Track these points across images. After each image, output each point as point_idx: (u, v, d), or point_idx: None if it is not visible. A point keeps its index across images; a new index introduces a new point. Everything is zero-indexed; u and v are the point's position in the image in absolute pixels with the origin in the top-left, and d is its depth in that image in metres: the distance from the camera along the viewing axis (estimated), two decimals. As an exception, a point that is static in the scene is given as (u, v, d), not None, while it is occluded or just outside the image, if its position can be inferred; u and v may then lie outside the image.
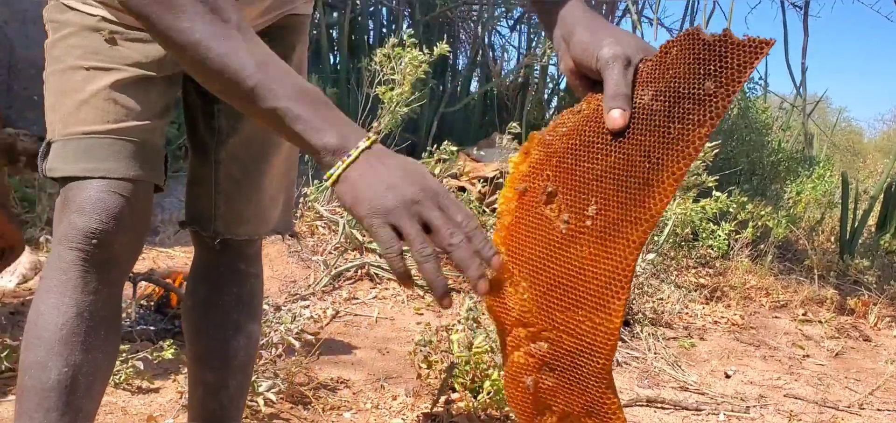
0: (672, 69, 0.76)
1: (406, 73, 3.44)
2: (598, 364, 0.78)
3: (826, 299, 3.71)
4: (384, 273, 3.11)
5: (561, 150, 0.82)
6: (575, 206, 0.79)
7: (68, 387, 1.03)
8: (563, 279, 0.79)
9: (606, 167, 0.77)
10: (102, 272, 1.04)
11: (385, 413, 2.05)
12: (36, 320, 1.04)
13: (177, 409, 1.89)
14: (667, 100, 0.75)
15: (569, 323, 0.79)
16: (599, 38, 0.81)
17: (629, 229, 0.75)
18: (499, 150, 3.94)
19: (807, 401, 2.54)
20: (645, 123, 0.76)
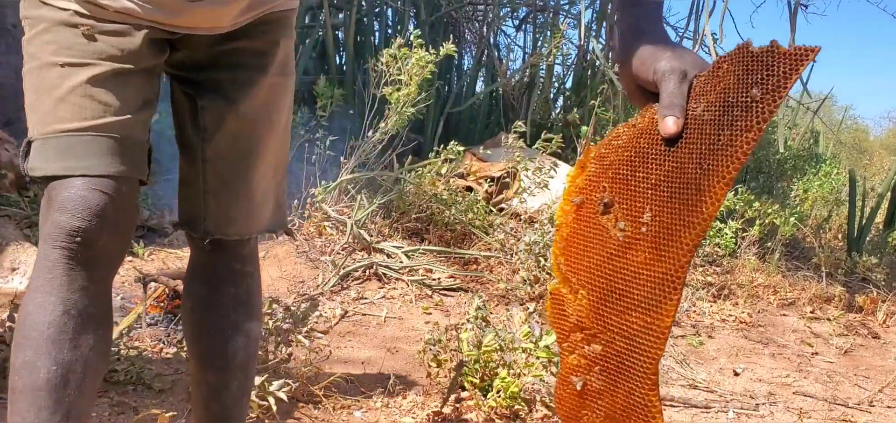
0: (723, 81, 0.80)
1: (412, 73, 3.45)
2: (645, 364, 0.81)
3: (834, 296, 3.70)
4: (392, 273, 3.12)
5: (616, 162, 0.86)
6: (631, 214, 0.83)
7: (58, 385, 1.02)
8: (619, 284, 0.83)
9: (661, 176, 0.81)
10: (88, 270, 1.03)
11: (395, 412, 2.06)
12: (24, 320, 1.04)
13: (188, 409, 1.90)
14: (717, 109, 0.79)
15: (622, 325, 0.83)
16: (659, 53, 0.84)
17: (683, 233, 0.78)
18: (505, 149, 3.94)
19: (816, 399, 2.54)
20: (697, 133, 0.79)
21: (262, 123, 1.21)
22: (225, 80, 1.17)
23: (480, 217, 3.57)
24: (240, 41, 1.16)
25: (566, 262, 0.89)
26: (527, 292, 2.98)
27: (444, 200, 3.53)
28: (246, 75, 1.17)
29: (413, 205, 3.55)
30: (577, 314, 0.87)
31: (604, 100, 4.63)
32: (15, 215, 3.27)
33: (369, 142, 3.60)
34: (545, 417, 2.06)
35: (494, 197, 3.90)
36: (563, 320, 0.89)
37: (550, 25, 5.43)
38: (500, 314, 2.70)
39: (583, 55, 5.39)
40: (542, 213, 3.48)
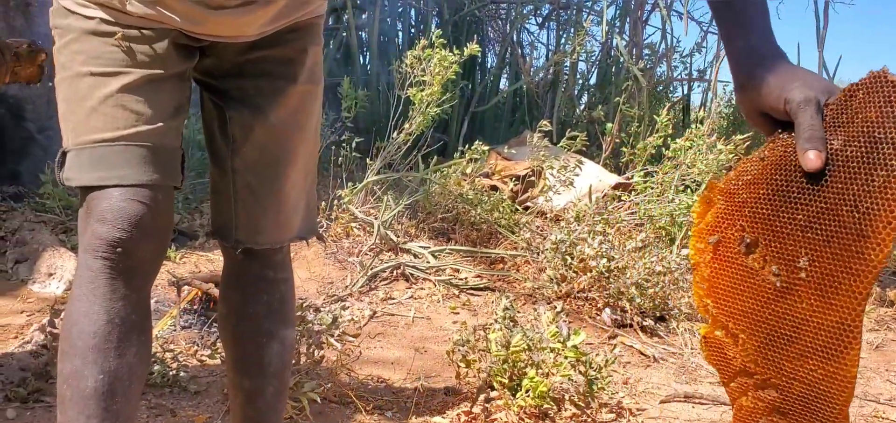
0: (861, 113, 0.76)
1: (435, 73, 3.47)
2: (834, 410, 0.78)
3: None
4: (419, 273, 3.15)
5: (751, 199, 0.82)
6: (783, 257, 0.79)
7: (106, 393, 1.05)
8: (786, 330, 0.80)
9: (810, 217, 0.77)
10: (129, 278, 1.05)
11: (425, 412, 2.09)
12: (69, 330, 1.06)
13: (223, 411, 1.94)
14: (862, 145, 0.75)
15: (798, 371, 0.80)
16: (787, 79, 0.81)
17: (851, 281, 0.75)
18: (530, 148, 3.95)
19: (846, 395, 2.52)
20: (843, 171, 0.75)
21: (291, 132, 1.22)
22: (252, 89, 1.18)
23: (506, 216, 3.59)
24: (267, 50, 1.16)
25: (715, 304, 0.85)
26: (554, 291, 2.99)
27: (470, 199, 3.55)
28: (274, 84, 1.18)
29: (439, 205, 3.58)
30: (741, 359, 0.84)
31: (628, 96, 4.63)
32: (50, 220, 3.35)
33: (394, 143, 3.64)
34: (574, 416, 2.07)
35: (520, 196, 3.91)
36: (727, 364, 0.86)
37: (574, 22, 5.42)
38: (528, 313, 2.71)
39: (606, 52, 5.38)
40: (568, 211, 3.49)
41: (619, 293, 2.90)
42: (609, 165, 4.37)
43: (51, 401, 1.92)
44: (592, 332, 2.78)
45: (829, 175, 0.76)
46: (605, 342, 2.71)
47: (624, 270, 2.90)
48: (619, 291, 2.90)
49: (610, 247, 2.95)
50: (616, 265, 2.91)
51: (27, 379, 1.98)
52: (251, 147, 1.20)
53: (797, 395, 0.80)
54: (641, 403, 2.29)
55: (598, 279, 2.94)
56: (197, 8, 1.05)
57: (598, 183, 3.86)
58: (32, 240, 3.06)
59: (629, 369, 2.54)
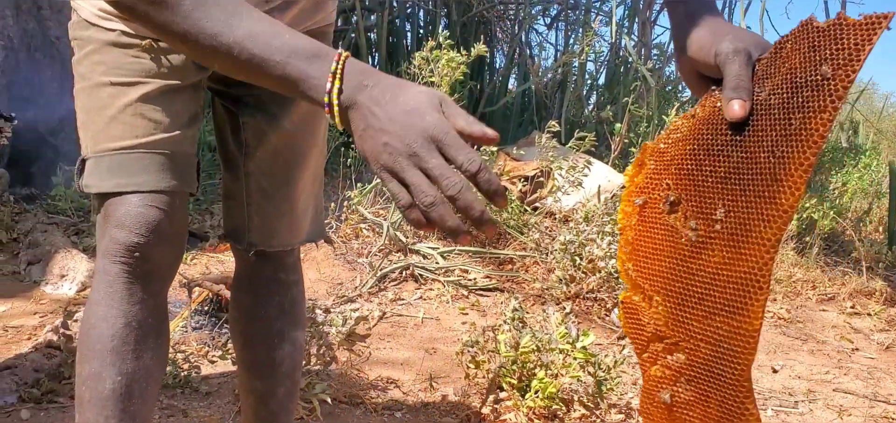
0: (788, 62, 0.74)
1: (444, 74, 3.48)
2: (736, 371, 0.76)
3: (875, 291, 3.65)
4: (429, 274, 3.15)
5: (678, 156, 0.80)
6: (701, 211, 0.77)
7: (123, 395, 1.07)
8: (697, 287, 0.78)
9: (730, 167, 0.76)
10: (146, 283, 1.07)
11: (434, 413, 2.10)
12: (88, 333, 1.08)
13: (234, 411, 1.96)
14: (784, 92, 0.73)
15: (706, 331, 0.78)
16: (718, 35, 0.80)
17: (762, 228, 0.73)
18: (538, 148, 3.95)
19: (857, 396, 2.52)
20: (765, 119, 0.74)
21: (303, 137, 1.24)
22: (266, 96, 1.19)
23: (515, 217, 3.59)
24: None
25: (635, 267, 0.83)
26: (563, 292, 3.00)
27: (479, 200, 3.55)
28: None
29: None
30: (654, 323, 0.82)
31: (637, 96, 4.62)
32: (63, 222, 3.37)
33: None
34: (583, 417, 2.08)
35: (528, 196, 3.91)
36: (640, 330, 0.84)
37: (582, 23, 5.42)
38: (537, 314, 2.72)
39: (615, 52, 5.37)
40: (577, 211, 3.49)
41: (628, 294, 2.90)
42: (618, 165, 4.36)
43: (64, 402, 1.94)
44: (602, 333, 2.78)
45: (753, 125, 0.75)
46: (614, 343, 2.72)
47: (633, 270, 2.90)
48: (628, 291, 2.90)
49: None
50: (625, 266, 2.91)
51: (40, 380, 2.00)
52: (264, 152, 1.22)
53: (703, 358, 0.78)
54: (651, 404, 2.30)
55: (608, 280, 2.94)
56: None
57: (607, 183, 3.85)
58: (45, 242, 3.09)
59: (638, 369, 2.53)
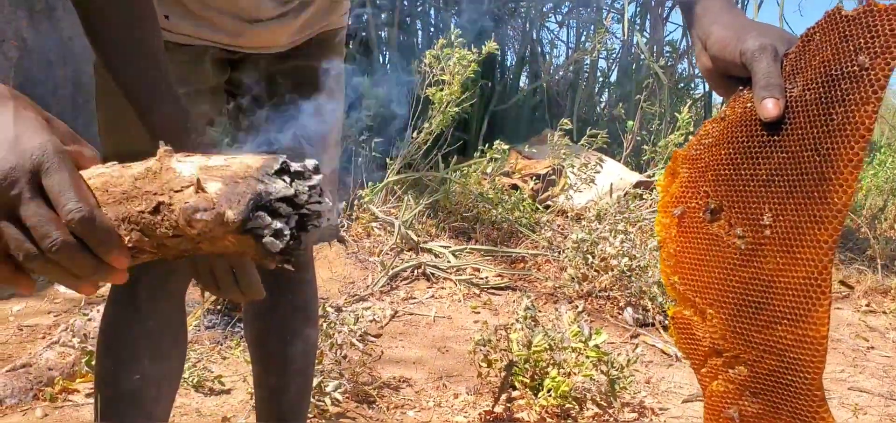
0: (818, 55, 0.71)
1: (455, 72, 3.47)
2: (807, 380, 0.73)
3: (890, 288, 3.62)
4: (440, 273, 3.15)
5: (714, 162, 0.77)
6: (747, 217, 0.74)
7: (140, 395, 1.08)
8: (753, 297, 0.74)
9: (772, 169, 0.72)
10: (164, 284, 1.08)
11: (447, 412, 2.09)
12: (107, 333, 1.09)
13: (248, 410, 1.96)
14: (820, 86, 0.70)
15: (768, 341, 0.74)
16: (742, 32, 0.77)
17: (816, 230, 0.69)
18: (550, 146, 3.94)
19: (872, 394, 2.50)
20: (802, 116, 0.71)
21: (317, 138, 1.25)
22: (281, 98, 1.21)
23: (527, 215, 3.59)
24: (296, 60, 1.21)
25: (682, 280, 0.80)
26: (575, 290, 2.99)
27: (491, 198, 3.56)
28: (302, 93, 1.21)
29: (459, 204, 3.58)
30: (710, 337, 0.79)
31: (649, 94, 4.60)
32: (76, 222, 3.39)
33: (414, 142, 3.64)
34: (596, 415, 2.07)
35: (540, 194, 3.90)
36: (696, 345, 0.80)
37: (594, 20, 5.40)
38: (549, 313, 2.71)
39: (627, 49, 5.35)
40: (589, 209, 3.48)
41: (640, 292, 2.89)
42: (630, 163, 4.35)
43: (78, 400, 1.95)
44: (614, 331, 2.77)
45: (790, 123, 0.72)
46: (626, 342, 2.71)
47: (646, 268, 2.89)
48: (640, 290, 2.89)
49: (631, 246, 2.94)
50: (638, 264, 2.90)
51: (55, 379, 2.01)
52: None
53: (768, 369, 0.75)
54: (664, 402, 2.28)
55: (620, 278, 2.93)
56: (235, 22, 1.10)
57: (619, 181, 3.84)
58: (59, 241, 3.10)
59: (651, 368, 2.52)
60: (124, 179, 0.59)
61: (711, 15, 0.81)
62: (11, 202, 0.55)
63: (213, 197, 0.55)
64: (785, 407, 0.75)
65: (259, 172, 0.55)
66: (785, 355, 0.73)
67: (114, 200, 0.59)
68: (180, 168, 0.58)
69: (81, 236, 0.56)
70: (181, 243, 0.59)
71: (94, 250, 0.57)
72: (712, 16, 0.81)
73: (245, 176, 0.56)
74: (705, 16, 0.82)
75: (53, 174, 0.56)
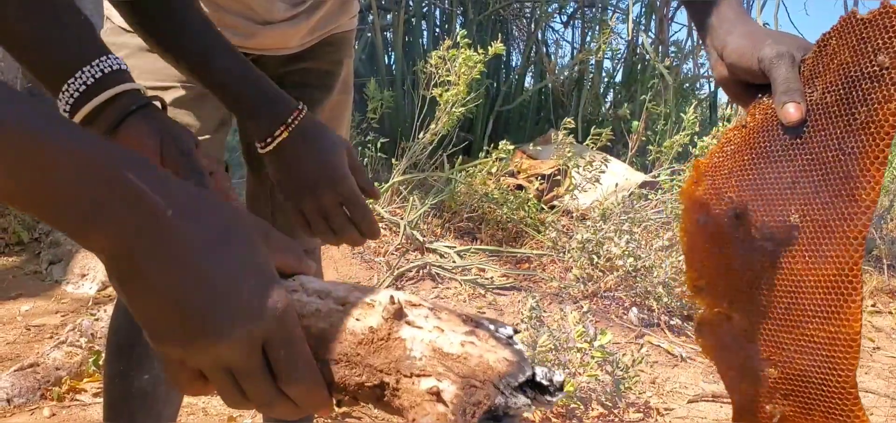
0: (836, 58, 0.73)
1: (461, 73, 3.48)
2: (840, 378, 0.72)
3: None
4: (445, 273, 3.16)
5: (736, 168, 0.78)
6: (773, 220, 0.75)
7: (150, 394, 1.09)
8: (782, 298, 0.75)
9: (796, 172, 0.74)
10: None
11: (452, 411, 2.10)
12: (116, 332, 1.10)
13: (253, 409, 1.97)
14: (840, 88, 0.72)
15: (799, 341, 0.74)
16: (758, 40, 0.78)
17: (844, 227, 0.70)
18: (555, 146, 3.94)
19: (878, 395, 2.49)
20: (824, 119, 0.73)
21: None
22: None
23: (532, 215, 3.59)
24: (306, 62, 1.22)
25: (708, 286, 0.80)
26: (580, 291, 2.99)
27: (496, 199, 3.56)
28: (312, 95, 1.23)
29: (464, 204, 3.59)
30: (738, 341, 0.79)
31: (654, 94, 4.60)
32: (83, 222, 3.41)
33: (420, 143, 3.65)
34: (601, 415, 2.07)
35: (545, 194, 3.91)
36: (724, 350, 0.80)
37: (599, 20, 5.40)
38: (554, 313, 2.71)
39: (632, 49, 5.35)
40: (594, 209, 3.48)
41: (646, 292, 2.89)
42: (635, 163, 4.35)
43: (86, 400, 1.96)
44: (619, 331, 2.77)
45: (811, 126, 0.73)
46: (632, 342, 2.71)
47: (651, 269, 2.89)
48: (646, 290, 2.89)
49: (637, 246, 2.94)
50: (643, 264, 2.90)
51: (62, 378, 2.02)
52: None
53: (800, 370, 0.75)
54: (669, 402, 2.29)
55: (625, 278, 2.93)
56: (247, 23, 1.11)
57: (624, 181, 3.84)
58: (66, 241, 3.12)
59: (656, 368, 2.53)
60: (344, 337, 0.52)
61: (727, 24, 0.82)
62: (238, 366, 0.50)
63: (450, 415, 0.48)
64: (818, 408, 0.75)
65: (502, 380, 0.48)
66: (816, 354, 0.73)
67: (330, 359, 0.52)
68: (411, 344, 0.51)
69: (297, 403, 0.53)
70: (388, 410, 0.52)
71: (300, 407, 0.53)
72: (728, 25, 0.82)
73: (484, 380, 0.49)
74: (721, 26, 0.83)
75: (284, 348, 0.51)
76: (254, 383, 0.51)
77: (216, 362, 0.50)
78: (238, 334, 0.49)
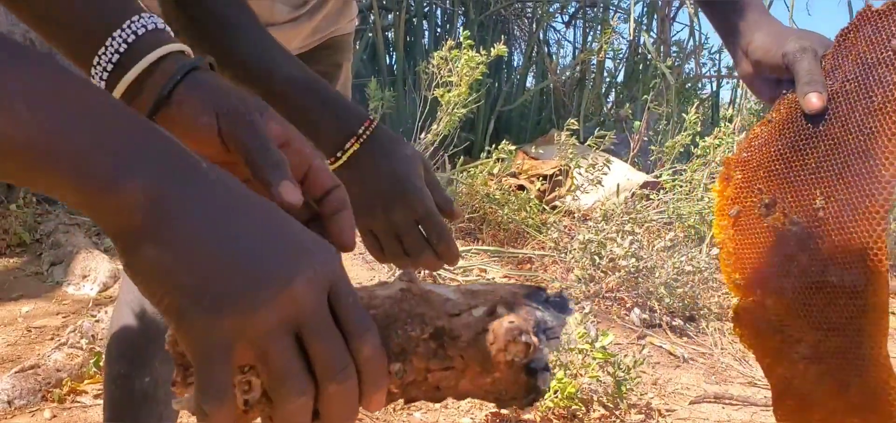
0: (854, 49, 0.78)
1: (463, 74, 3.48)
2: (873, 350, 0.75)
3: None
4: (447, 272, 3.15)
5: (764, 161, 0.82)
6: (800, 205, 0.79)
7: (151, 396, 1.09)
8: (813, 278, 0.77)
9: (820, 157, 0.78)
10: None
11: (454, 413, 2.09)
12: (118, 334, 1.10)
13: (254, 411, 1.97)
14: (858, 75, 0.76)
15: (831, 319, 0.77)
16: (782, 37, 0.82)
17: (867, 203, 0.73)
18: (557, 147, 3.94)
19: (881, 396, 2.49)
20: (844, 105, 0.77)
21: None
22: None
23: (533, 216, 3.58)
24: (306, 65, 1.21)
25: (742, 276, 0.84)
26: (582, 291, 2.98)
27: (497, 199, 3.56)
28: None
29: (466, 205, 3.58)
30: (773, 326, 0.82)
31: (656, 94, 4.60)
32: (84, 223, 3.41)
33: (421, 143, 3.65)
34: (603, 417, 2.07)
35: (547, 195, 3.90)
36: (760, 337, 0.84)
37: (600, 20, 5.40)
38: (556, 314, 2.71)
39: (634, 49, 5.34)
40: (596, 210, 3.48)
41: (648, 293, 2.88)
42: (637, 163, 4.34)
43: (86, 401, 1.96)
44: (621, 332, 2.77)
45: (832, 113, 0.77)
46: (633, 343, 2.70)
47: (653, 269, 2.89)
48: (648, 291, 2.88)
49: (639, 246, 2.93)
50: (645, 265, 2.89)
51: (63, 380, 2.02)
52: None
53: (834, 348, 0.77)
54: (671, 404, 2.28)
55: (627, 279, 2.92)
56: None
57: (626, 182, 3.84)
58: (67, 242, 3.12)
59: (658, 369, 2.52)
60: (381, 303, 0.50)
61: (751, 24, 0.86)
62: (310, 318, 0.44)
63: (521, 325, 0.48)
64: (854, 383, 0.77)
65: (529, 299, 0.49)
66: (848, 328, 0.76)
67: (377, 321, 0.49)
68: (445, 293, 0.51)
69: (363, 372, 0.47)
70: (442, 379, 0.50)
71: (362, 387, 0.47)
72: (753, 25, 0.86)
73: (515, 303, 0.49)
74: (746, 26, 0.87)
75: (349, 296, 0.47)
76: (327, 341, 0.45)
77: (285, 318, 0.43)
78: (309, 275, 0.43)
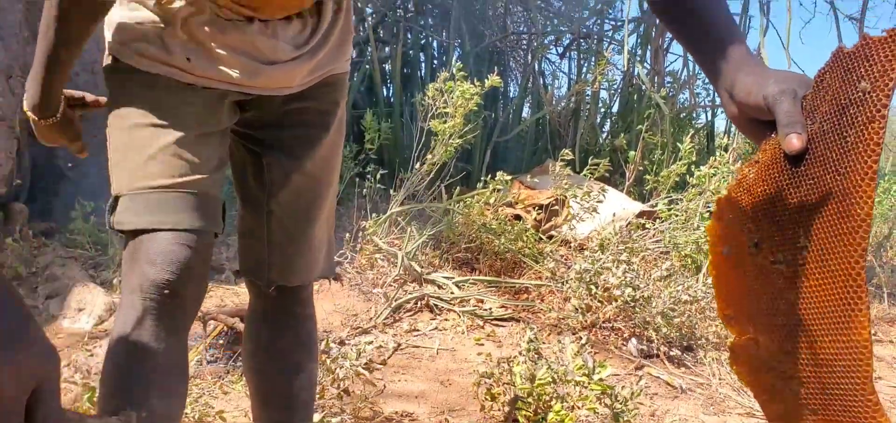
0: (830, 90, 0.79)
1: (458, 105, 3.49)
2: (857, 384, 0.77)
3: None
4: (444, 304, 3.14)
5: (752, 201, 0.85)
6: (784, 244, 0.81)
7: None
8: (799, 316, 0.80)
9: (801, 197, 0.80)
10: (172, 320, 1.08)
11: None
12: (112, 368, 1.09)
13: (249, 445, 1.95)
14: (833, 116, 0.78)
15: (817, 356, 0.79)
16: (763, 79, 0.84)
17: (845, 241, 0.75)
18: (552, 176, 3.95)
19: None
20: (822, 145, 0.79)
21: (322, 179, 1.30)
22: (290, 138, 1.25)
23: (530, 246, 3.58)
24: (306, 102, 1.24)
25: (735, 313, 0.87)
26: (579, 321, 2.98)
27: (494, 229, 3.56)
28: (310, 134, 1.25)
29: (462, 235, 3.58)
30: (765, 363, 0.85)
31: (651, 124, 4.62)
32: (80, 256, 3.40)
33: (418, 174, 3.66)
34: (600, 449, 2.05)
35: (543, 225, 3.90)
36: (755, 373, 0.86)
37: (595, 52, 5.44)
38: (553, 345, 2.70)
39: (628, 80, 5.38)
40: (592, 239, 3.48)
41: (645, 323, 2.88)
42: (632, 193, 4.35)
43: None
44: (618, 362, 2.75)
45: (812, 154, 0.79)
46: (631, 373, 2.69)
47: (649, 299, 2.88)
48: (645, 320, 2.87)
49: (635, 276, 2.93)
50: (641, 294, 2.89)
51: (57, 415, 2.00)
52: (288, 192, 1.26)
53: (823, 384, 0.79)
54: (669, 435, 2.26)
55: (624, 309, 2.92)
56: (253, 63, 1.14)
57: (621, 211, 3.84)
58: (63, 276, 3.11)
59: (656, 400, 2.51)
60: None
61: (734, 65, 0.88)
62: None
63: None
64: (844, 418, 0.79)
65: None
66: (834, 365, 0.77)
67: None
68: None
69: None
70: None
71: None
72: (735, 66, 0.88)
73: None
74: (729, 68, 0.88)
75: (51, 402, 0.57)
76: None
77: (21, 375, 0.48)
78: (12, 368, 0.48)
